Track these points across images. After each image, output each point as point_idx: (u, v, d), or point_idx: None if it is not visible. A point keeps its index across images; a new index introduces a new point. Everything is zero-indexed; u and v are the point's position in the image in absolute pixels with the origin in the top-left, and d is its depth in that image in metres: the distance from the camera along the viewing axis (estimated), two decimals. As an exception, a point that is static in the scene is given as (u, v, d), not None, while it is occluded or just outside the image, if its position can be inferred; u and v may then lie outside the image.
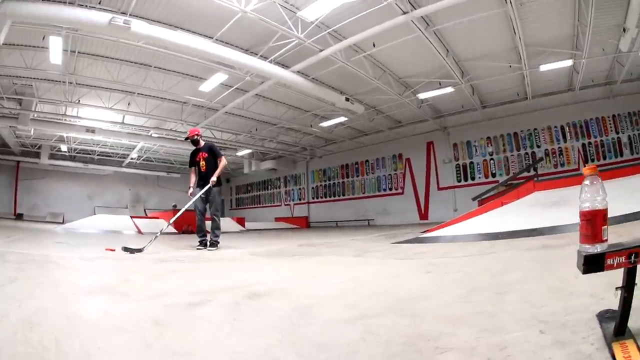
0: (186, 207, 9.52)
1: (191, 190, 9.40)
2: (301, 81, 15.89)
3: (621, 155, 19.19)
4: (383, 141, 27.67)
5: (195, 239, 9.84)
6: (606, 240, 1.84)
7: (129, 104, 18.35)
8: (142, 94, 17.61)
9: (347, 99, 18.21)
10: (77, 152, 28.27)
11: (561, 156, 20.94)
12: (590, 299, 2.48)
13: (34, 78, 15.49)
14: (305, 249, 9.08)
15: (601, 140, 19.85)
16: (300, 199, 33.92)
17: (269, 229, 23.53)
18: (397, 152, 27.49)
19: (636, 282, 1.82)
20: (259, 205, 37.96)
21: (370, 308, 3.12)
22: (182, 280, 4.86)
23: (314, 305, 3.26)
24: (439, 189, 24.89)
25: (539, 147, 21.43)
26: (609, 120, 19.64)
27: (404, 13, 11.81)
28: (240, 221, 23.44)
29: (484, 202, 13.71)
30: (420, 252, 6.62)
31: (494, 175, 22.71)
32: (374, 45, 14.56)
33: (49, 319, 2.85)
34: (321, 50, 13.88)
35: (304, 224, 29.32)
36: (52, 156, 28.10)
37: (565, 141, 20.85)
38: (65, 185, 30.01)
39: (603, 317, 2.09)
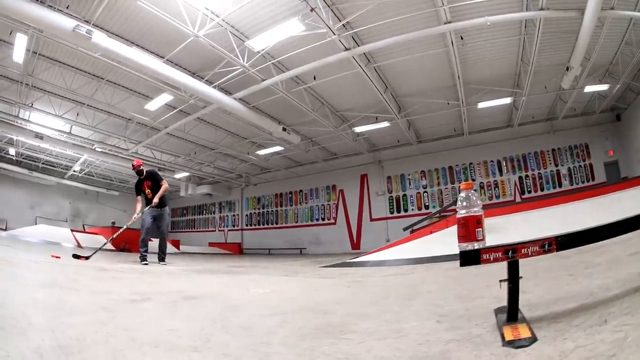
0: (131, 222, 9.86)
1: (136, 216, 9.69)
2: (241, 108, 15.96)
3: (560, 186, 19.90)
4: (317, 172, 27.85)
5: (133, 257, 10.24)
6: (482, 240, 2.29)
7: (77, 114, 17.97)
8: (91, 106, 17.33)
9: (284, 129, 18.39)
10: (23, 158, 27.08)
11: (497, 189, 21.57)
12: (493, 299, 2.79)
13: None
14: (235, 269, 9.42)
15: (539, 173, 20.60)
16: (234, 226, 33.43)
17: (203, 253, 23.32)
18: (331, 183, 27.71)
19: (520, 275, 2.19)
20: (193, 230, 37.24)
21: (289, 308, 3.52)
22: (123, 284, 5.14)
23: (241, 306, 3.65)
24: (372, 219, 25.15)
25: (474, 180, 21.81)
26: (548, 154, 20.43)
27: (346, 49, 12.18)
28: (175, 243, 23.03)
29: (416, 232, 13.88)
30: (345, 274, 6.92)
31: (427, 207, 23.06)
32: (314, 78, 14.81)
33: (13, 300, 3.14)
34: (263, 80, 14.03)
35: (237, 251, 29.06)
36: (0, 158, 27.13)
37: (501, 174, 21.54)
38: (8, 190, 28.74)
39: (500, 310, 2.44)
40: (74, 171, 29.09)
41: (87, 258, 8.32)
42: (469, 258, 2.19)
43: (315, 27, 10.99)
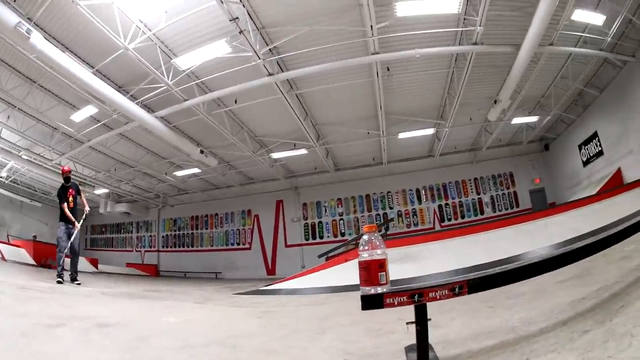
0: (77, 230, 9.87)
1: (78, 226, 9.80)
2: (162, 127, 15.76)
3: (482, 213, 20.62)
4: (234, 196, 27.94)
5: (52, 274, 9.97)
6: (385, 283, 2.29)
7: (8, 117, 17.17)
8: (21, 110, 16.62)
9: (202, 152, 18.29)
10: None
11: (415, 217, 22.07)
12: (404, 335, 2.68)
13: None
14: (151, 293, 9.34)
15: (460, 201, 21.27)
16: (151, 246, 32.45)
17: (121, 273, 23.10)
18: (246, 207, 27.81)
19: (429, 317, 2.20)
20: (112, 249, 35.19)
21: (198, 341, 3.51)
22: (41, 307, 5.01)
23: (152, 336, 3.64)
24: (287, 246, 25.38)
25: (391, 208, 22.49)
26: (470, 183, 21.16)
27: (270, 75, 12.24)
28: (94, 262, 22.46)
29: (331, 259, 13.88)
30: (258, 302, 6.95)
31: (343, 234, 23.37)
32: (235, 102, 14.94)
33: None
34: (186, 100, 13.93)
35: (153, 272, 28.81)
36: None
37: (420, 203, 22.09)
38: None
39: (411, 348, 2.43)
40: (1, 177, 28.03)
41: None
42: (371, 302, 2.21)
43: (242, 49, 11.05)
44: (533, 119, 17.38)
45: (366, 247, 2.36)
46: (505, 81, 13.07)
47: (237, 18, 9.78)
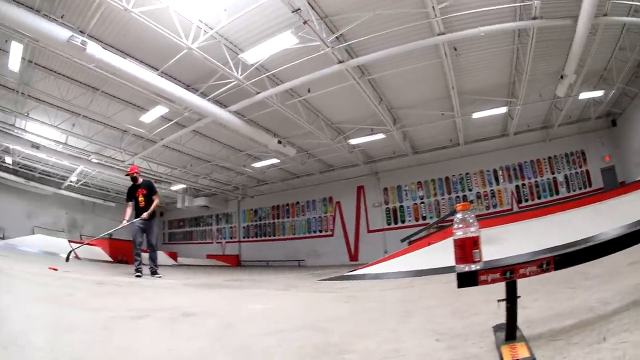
0: (119, 227, 10.17)
1: (125, 222, 9.79)
2: (237, 121, 15.86)
3: (557, 193, 19.83)
4: (314, 184, 27.73)
5: (129, 269, 10.20)
6: (479, 260, 2.27)
7: (73, 125, 17.78)
8: (86, 117, 17.20)
9: (279, 142, 18.10)
10: (20, 167, 26.81)
11: (493, 198, 21.42)
12: (492, 316, 2.72)
13: None
14: (233, 283, 9.37)
15: (535, 181, 20.49)
16: (231, 238, 33.09)
17: (201, 265, 23.36)
18: (327, 195, 27.63)
19: (519, 294, 2.18)
20: (191, 242, 36.42)
21: (288, 326, 3.46)
22: (121, 300, 5.15)
23: (239, 323, 3.65)
24: (369, 231, 24.98)
25: (470, 190, 21.91)
26: (545, 162, 20.35)
27: (340, 62, 12.06)
28: (173, 255, 23.00)
29: (414, 243, 13.68)
30: (343, 287, 6.84)
31: (424, 218, 22.89)
32: (309, 91, 14.79)
33: (14, 315, 3.15)
34: (258, 93, 13.87)
35: (235, 262, 29.06)
36: (-4, 166, 26.83)
37: (497, 184, 21.37)
38: (6, 199, 28.28)
39: (499, 327, 2.39)
40: (71, 181, 28.88)
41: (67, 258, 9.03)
42: (466, 280, 2.17)
43: (308, 39, 10.93)
44: (598, 93, 16.67)
45: (460, 225, 2.36)
46: (568, 55, 12.58)
47: (299, 9, 9.70)
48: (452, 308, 3.62)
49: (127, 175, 10.35)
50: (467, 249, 2.29)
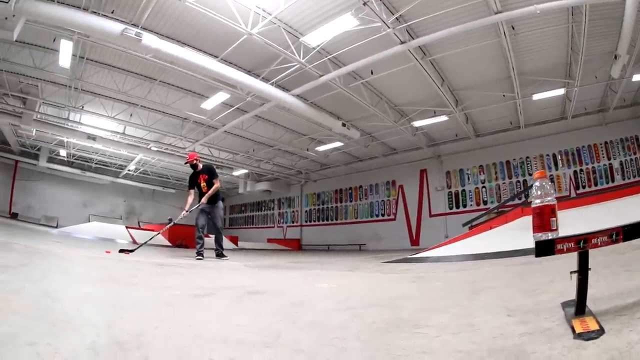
0: (182, 216, 9.99)
1: (186, 212, 9.86)
2: (300, 105, 15.86)
3: (612, 180, 19.29)
4: (377, 168, 27.55)
5: (190, 253, 10.36)
6: (556, 229, 2.24)
7: (131, 115, 18.33)
8: (144, 107, 17.67)
9: (343, 125, 18.12)
10: (75, 159, 28.15)
11: (552, 184, 20.80)
12: (558, 294, 2.72)
13: (41, 79, 15.26)
14: (297, 264, 9.30)
15: (593, 167, 19.95)
16: (293, 222, 33.51)
17: (262, 249, 23.18)
18: (390, 179, 27.32)
19: (589, 266, 2.15)
20: (252, 226, 37.52)
21: (357, 303, 3.42)
22: (184, 280, 5.16)
23: (307, 301, 3.58)
24: (431, 215, 24.64)
25: (530, 175, 21.21)
26: (601, 147, 19.74)
27: (402, 43, 11.94)
28: (234, 240, 22.91)
29: (475, 227, 13.61)
30: (407, 269, 6.81)
31: (485, 202, 22.61)
32: (372, 73, 14.59)
33: (68, 294, 3.15)
34: (321, 76, 13.93)
35: (296, 246, 28.87)
36: (51, 159, 27.71)
37: (557, 169, 20.88)
38: (61, 190, 29.01)
39: (567, 304, 2.38)
40: (129, 170, 29.58)
41: (130, 251, 8.60)
42: (544, 248, 2.12)
43: (369, 21, 10.89)
44: (651, 75, 16.16)
45: (538, 193, 2.35)
46: (620, 34, 12.18)
47: (359, -11, 9.65)
48: (518, 287, 3.58)
49: (186, 163, 10.40)
50: (545, 216, 2.29)
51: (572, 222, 8.07)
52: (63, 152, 26.53)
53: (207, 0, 10.27)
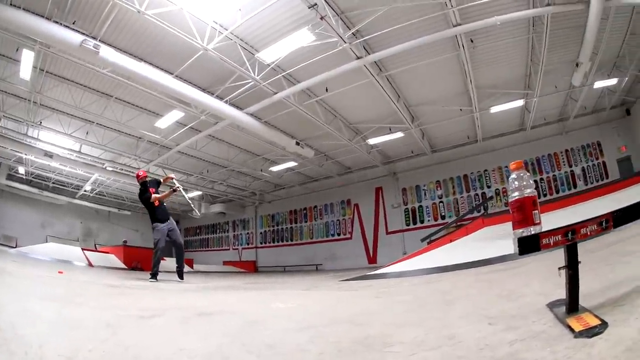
0: (178, 188, 9.98)
1: (178, 187, 9.84)
2: (254, 123, 15.73)
3: (575, 187, 19.66)
4: (332, 187, 27.53)
5: (145, 275, 10.00)
6: (539, 223, 2.12)
7: (87, 133, 17.86)
8: (100, 124, 17.32)
9: (297, 143, 18.03)
10: (33, 177, 27.39)
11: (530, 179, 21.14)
12: (540, 296, 2.62)
13: (2, 90, 14.86)
14: (252, 285, 9.25)
15: (554, 175, 20.38)
16: (248, 244, 33.13)
17: (217, 271, 23.23)
18: (345, 198, 27.32)
19: (579, 260, 2.02)
20: (207, 249, 37.03)
21: (317, 322, 3.24)
22: (132, 300, 4.95)
23: (262, 321, 3.38)
24: (388, 233, 24.66)
25: (489, 187, 21.76)
26: (562, 155, 20.24)
27: (358, 58, 11.92)
28: (189, 262, 22.11)
29: (435, 242, 13.61)
30: (368, 286, 6.71)
31: (443, 217, 22.77)
32: (326, 90, 14.52)
33: (6, 309, 2.96)
34: (275, 93, 13.77)
35: (252, 269, 28.98)
36: (10, 177, 26.99)
37: None
38: (20, 209, 28.34)
39: (554, 304, 2.27)
40: (85, 191, 29.12)
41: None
42: (527, 244, 1.99)
43: (325, 36, 10.85)
44: (612, 81, 16.36)
45: (516, 185, 2.26)
46: (582, 42, 12.39)
47: (316, 4, 9.67)
48: (494, 294, 3.47)
49: (138, 180, 10.03)
50: (527, 210, 2.20)
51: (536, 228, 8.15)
52: (22, 170, 25.98)
53: (165, 14, 10.08)
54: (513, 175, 2.30)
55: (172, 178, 9.87)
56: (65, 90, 14.40)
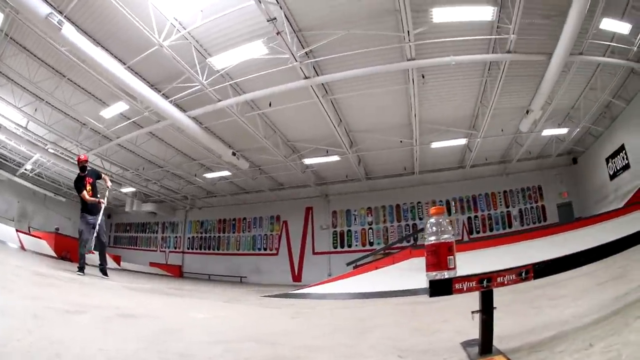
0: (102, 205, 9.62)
1: (99, 199, 9.51)
2: (195, 127, 15.63)
3: (510, 226, 20.12)
4: (263, 201, 27.78)
5: (73, 266, 9.83)
6: (453, 268, 2.22)
7: (35, 109, 17.32)
8: (49, 104, 16.79)
9: (234, 154, 18.10)
10: None
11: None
12: (456, 334, 2.69)
13: None
14: (176, 291, 9.28)
15: (489, 214, 20.81)
16: (175, 247, 32.66)
17: (143, 272, 22.85)
18: (275, 213, 27.66)
19: (495, 305, 2.13)
20: (135, 247, 35.74)
21: (232, 337, 3.33)
22: (59, 293, 4.93)
23: (180, 330, 3.45)
24: (315, 253, 25.08)
25: (421, 219, 22.01)
26: (500, 196, 20.73)
27: (306, 78, 12.06)
28: (117, 259, 22.10)
29: (361, 267, 13.37)
30: (289, 304, 6.79)
31: (371, 244, 23.05)
32: (270, 105, 14.65)
33: None
34: (219, 100, 13.78)
35: (177, 273, 28.70)
36: (-49, 145, 25.77)
37: (449, 214, 21.35)
38: (-49, 181, 28.01)
39: (468, 344, 2.35)
40: (26, 170, 28.33)
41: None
42: (439, 288, 2.11)
43: (278, 51, 10.93)
44: (563, 131, 17.12)
45: (433, 230, 2.32)
46: (537, 91, 12.92)
47: (275, 19, 9.71)
48: (410, 326, 3.60)
49: (78, 163, 9.89)
50: (441, 255, 2.28)
51: (466, 263, 8.26)
52: (-37, 139, 25.06)
53: (132, 2, 10.07)
54: (432, 220, 2.36)
55: (102, 202, 9.57)
56: (23, 62, 14.04)
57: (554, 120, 15.97)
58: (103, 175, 9.96)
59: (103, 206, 9.47)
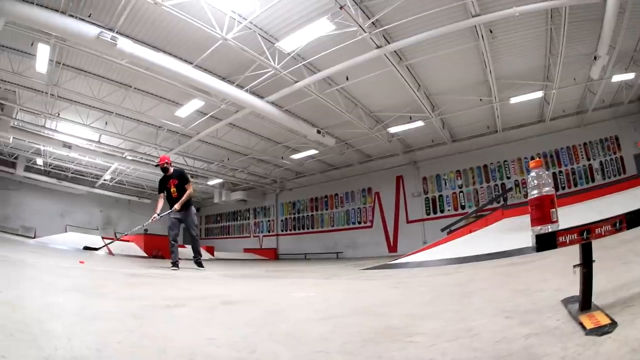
0: (149, 222, 9.86)
1: (155, 216, 9.59)
2: (275, 112, 15.75)
3: (592, 181, 19.40)
4: (353, 175, 27.49)
5: (165, 263, 10.12)
6: (556, 221, 2.13)
7: (106, 123, 18.00)
8: (119, 115, 17.45)
9: (318, 132, 18.16)
10: (52, 168, 27.52)
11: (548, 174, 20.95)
12: (555, 292, 2.62)
13: (18, 84, 14.91)
14: (273, 273, 9.23)
15: (572, 168, 20.15)
16: (269, 231, 33.09)
17: (238, 259, 23.02)
18: (366, 186, 27.24)
19: (594, 259, 2.04)
20: (228, 236, 36.96)
21: (338, 312, 3.26)
22: (155, 290, 4.95)
23: (284, 311, 3.43)
24: (408, 222, 24.55)
25: (508, 178, 21.57)
26: (580, 148, 19.97)
27: (378, 47, 11.83)
28: (210, 250, 22.38)
29: (455, 232, 13.27)
30: (388, 275, 6.71)
31: (463, 207, 22.65)
32: (347, 79, 14.60)
33: (30, 303, 2.95)
34: (296, 82, 13.72)
35: (272, 256, 29.02)
36: (28, 168, 27.00)
37: None
38: (38, 200, 28.42)
39: (568, 301, 2.28)
40: (105, 180, 29.27)
41: (96, 249, 9.65)
42: (545, 242, 2.00)
43: (345, 25, 10.78)
44: (630, 75, 16.05)
45: (535, 183, 2.27)
46: (600, 35, 12.24)
47: (335, -7, 9.56)
48: (510, 288, 3.45)
49: (156, 165, 10.18)
50: (545, 208, 2.21)
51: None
52: (40, 161, 26.12)
53: (183, 4, 10.09)
54: (532, 174, 2.30)
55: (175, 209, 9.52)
56: (83, 82, 14.46)
57: (620, 65, 15.19)
58: (186, 186, 9.74)
59: (177, 207, 9.45)
